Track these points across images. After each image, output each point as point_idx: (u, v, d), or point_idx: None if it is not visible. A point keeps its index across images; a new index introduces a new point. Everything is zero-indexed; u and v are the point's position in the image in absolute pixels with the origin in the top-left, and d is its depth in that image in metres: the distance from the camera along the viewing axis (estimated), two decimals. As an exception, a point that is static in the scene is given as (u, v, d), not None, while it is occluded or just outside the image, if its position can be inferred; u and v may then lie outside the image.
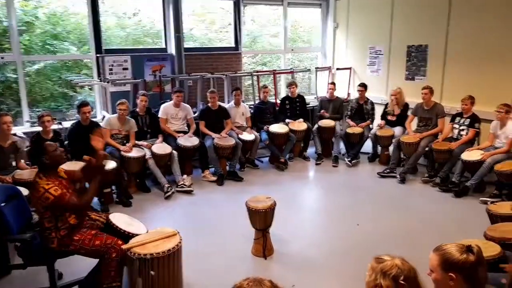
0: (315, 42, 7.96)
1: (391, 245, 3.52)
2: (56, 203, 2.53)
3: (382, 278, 1.41)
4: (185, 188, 4.85)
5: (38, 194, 2.54)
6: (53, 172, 2.70)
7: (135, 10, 7.08)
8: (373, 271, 1.46)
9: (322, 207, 4.69)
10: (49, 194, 2.51)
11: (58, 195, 2.52)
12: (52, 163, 2.67)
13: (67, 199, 2.56)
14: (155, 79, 6.03)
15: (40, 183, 2.57)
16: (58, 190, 2.54)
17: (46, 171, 2.66)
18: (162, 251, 2.57)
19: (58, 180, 2.67)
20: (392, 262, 1.45)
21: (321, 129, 6.06)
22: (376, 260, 1.51)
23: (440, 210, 4.32)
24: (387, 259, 1.48)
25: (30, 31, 6.67)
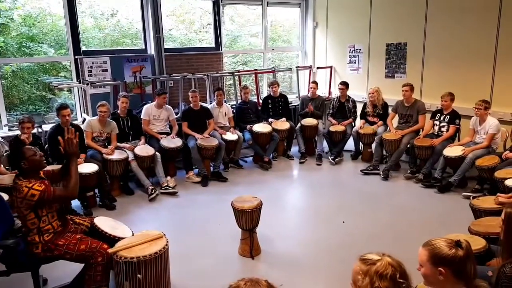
0: (295, 41, 8.01)
1: (377, 242, 3.58)
2: (43, 198, 2.48)
3: (380, 281, 1.37)
4: (169, 190, 4.81)
5: (22, 195, 2.47)
6: (34, 175, 2.64)
7: (113, 11, 6.97)
8: (365, 274, 1.41)
9: (308, 205, 4.73)
10: (34, 191, 2.46)
11: (43, 189, 2.47)
12: (31, 167, 2.60)
13: (52, 191, 2.51)
14: (135, 81, 5.94)
15: (22, 183, 2.51)
16: (41, 186, 2.49)
17: (25, 175, 2.59)
18: (149, 254, 2.54)
19: (40, 181, 2.60)
20: (384, 262, 1.42)
21: (304, 128, 6.11)
22: (363, 261, 1.46)
23: (424, 205, 4.40)
24: (375, 258, 1.45)
25: (5, 33, 6.48)
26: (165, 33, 6.49)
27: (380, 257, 1.45)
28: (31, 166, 2.60)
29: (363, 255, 1.50)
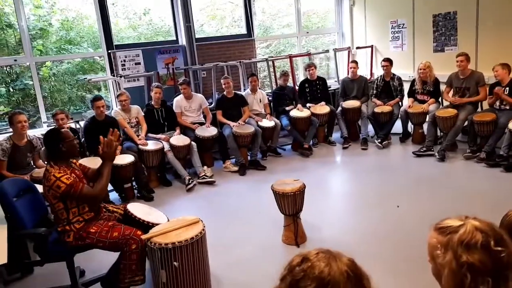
0: (331, 26, 7.60)
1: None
2: (68, 192, 2.33)
3: (467, 253, 0.98)
4: (206, 179, 4.63)
5: (49, 183, 2.35)
6: (66, 162, 2.51)
7: (145, 10, 6.96)
8: (445, 247, 1.03)
9: (355, 190, 4.34)
10: (61, 183, 2.32)
11: (70, 183, 2.33)
12: (67, 152, 2.48)
13: (80, 187, 2.36)
14: (168, 72, 5.83)
15: (51, 171, 2.38)
16: (70, 179, 2.35)
17: (58, 159, 2.46)
18: (184, 240, 2.33)
19: (70, 169, 2.48)
20: (468, 227, 1.03)
21: (345, 111, 5.71)
22: (440, 230, 1.07)
23: (489, 187, 3.90)
24: (455, 224, 1.05)
25: (45, 37, 6.64)
26: (197, 28, 6.33)
27: (463, 221, 1.06)
28: (67, 150, 2.48)
29: (439, 223, 1.11)
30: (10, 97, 6.59)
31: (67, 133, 2.53)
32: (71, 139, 2.50)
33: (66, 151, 2.47)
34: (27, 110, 6.49)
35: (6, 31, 6.07)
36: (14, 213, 2.36)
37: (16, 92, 6.63)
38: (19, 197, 2.53)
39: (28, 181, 2.77)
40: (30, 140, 3.95)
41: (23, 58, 5.32)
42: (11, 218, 2.36)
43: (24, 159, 3.90)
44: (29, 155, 3.95)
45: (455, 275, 0.99)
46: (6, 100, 6.54)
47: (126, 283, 2.42)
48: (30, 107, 6.54)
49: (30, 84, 5.67)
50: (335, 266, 0.93)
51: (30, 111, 6.48)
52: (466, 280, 0.97)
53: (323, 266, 0.92)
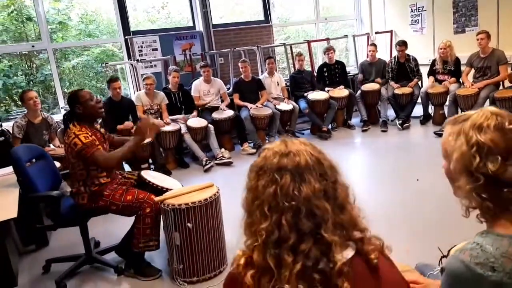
0: (350, 12, 7.47)
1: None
2: (81, 152, 2.29)
3: (478, 134, 0.91)
4: (224, 160, 4.59)
5: (68, 140, 2.33)
6: (88, 123, 2.46)
7: (163, 3, 7.00)
8: (458, 134, 0.95)
9: (376, 168, 4.23)
10: (78, 140, 2.28)
11: (87, 143, 2.28)
12: (85, 113, 2.42)
13: (92, 150, 2.30)
14: (185, 58, 5.83)
15: (72, 128, 2.36)
16: (88, 138, 2.31)
17: (80, 120, 2.42)
18: (198, 200, 2.27)
19: (92, 131, 2.44)
20: (484, 112, 0.95)
21: (364, 94, 5.57)
22: (454, 121, 0.99)
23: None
24: (471, 112, 0.97)
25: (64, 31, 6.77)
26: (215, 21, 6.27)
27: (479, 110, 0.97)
28: (85, 112, 2.42)
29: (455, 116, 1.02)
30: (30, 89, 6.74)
31: (86, 93, 2.45)
32: (88, 99, 2.42)
33: (84, 111, 2.42)
34: (47, 103, 6.63)
35: (26, 24, 6.22)
36: (26, 177, 2.34)
37: (36, 84, 6.78)
38: (33, 163, 2.53)
39: (41, 149, 2.75)
40: (45, 118, 3.99)
41: (41, 44, 5.39)
42: (24, 182, 2.35)
43: (41, 136, 3.92)
44: (45, 133, 3.97)
45: (463, 157, 0.92)
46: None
47: (140, 247, 2.39)
48: (50, 99, 6.68)
49: (50, 75, 5.76)
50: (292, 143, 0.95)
51: (50, 104, 6.62)
52: (475, 161, 0.89)
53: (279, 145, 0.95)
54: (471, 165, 0.90)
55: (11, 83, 6.50)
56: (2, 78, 6.30)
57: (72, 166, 2.41)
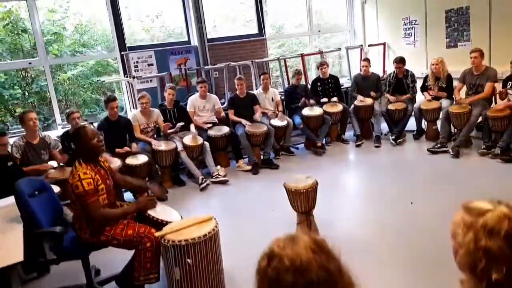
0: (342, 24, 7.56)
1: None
2: (81, 198, 2.36)
3: (488, 238, 0.94)
4: (220, 178, 4.65)
5: (73, 180, 2.37)
6: (93, 160, 2.53)
7: (158, 12, 7.03)
8: (468, 228, 0.99)
9: (369, 188, 4.30)
10: (80, 185, 2.33)
11: (88, 190, 2.34)
12: (87, 151, 2.49)
13: (90, 201, 2.36)
14: (180, 73, 5.88)
15: (78, 168, 2.40)
16: (90, 185, 2.36)
17: (84, 157, 2.48)
18: (197, 237, 2.33)
19: (96, 170, 2.49)
20: (498, 212, 0.97)
21: (358, 109, 5.66)
22: (468, 211, 1.03)
23: (504, 183, 3.82)
24: (485, 208, 1.00)
25: (59, 41, 6.77)
26: (210, 29, 6.35)
27: (493, 206, 1.00)
28: (87, 150, 2.49)
29: (468, 203, 1.07)
30: (25, 100, 6.75)
31: (89, 132, 2.51)
32: (91, 138, 2.48)
33: (86, 150, 2.49)
34: (42, 113, 6.63)
35: (22, 36, 6.22)
36: (30, 212, 2.39)
37: (32, 95, 6.78)
38: (34, 196, 2.56)
39: (43, 181, 2.80)
40: (42, 137, 4.02)
41: (37, 61, 5.41)
42: (27, 217, 2.39)
43: (39, 156, 3.95)
44: (43, 153, 4.00)
45: (470, 256, 0.96)
46: (22, 103, 6.71)
47: (141, 281, 2.44)
48: (46, 109, 6.69)
49: (46, 86, 5.78)
50: (299, 247, 0.93)
51: (45, 114, 6.63)
52: (480, 264, 0.94)
53: (290, 253, 0.92)
54: (476, 267, 0.94)
55: (7, 94, 6.52)
56: (-2, 90, 6.31)
57: (73, 202, 2.47)
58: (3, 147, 3.41)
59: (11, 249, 2.07)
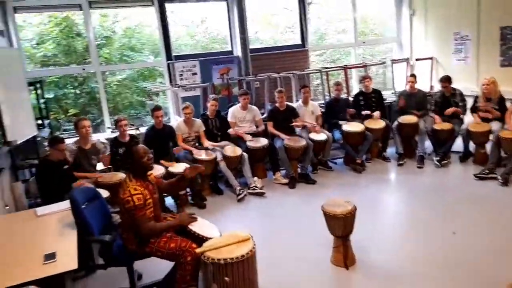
0: (389, 34, 7.40)
1: (499, 260, 2.99)
2: (131, 212, 2.53)
3: None
4: (256, 190, 4.71)
5: (124, 195, 2.54)
6: (142, 175, 2.70)
7: (202, 18, 7.23)
8: None
9: (409, 212, 4.18)
10: (131, 201, 2.50)
11: (137, 205, 2.51)
12: (137, 168, 2.67)
13: (139, 215, 2.53)
14: (223, 82, 6.01)
15: (129, 184, 2.58)
16: (140, 200, 2.52)
17: (134, 173, 2.66)
18: (236, 257, 2.41)
19: (145, 185, 2.65)
20: None
21: (402, 126, 5.50)
22: None
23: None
24: None
25: (109, 45, 7.13)
26: (252, 35, 6.47)
27: None
28: (137, 167, 2.66)
29: None
30: (77, 100, 7.17)
31: (140, 150, 2.68)
32: (142, 157, 2.65)
33: (137, 167, 2.66)
34: (92, 113, 7.01)
35: (75, 39, 6.62)
36: (83, 220, 2.57)
37: (83, 96, 7.19)
38: (87, 204, 2.74)
39: (95, 190, 2.99)
40: (93, 143, 4.26)
41: (90, 67, 5.74)
42: (81, 224, 2.58)
43: (89, 161, 4.19)
44: (94, 158, 4.24)
45: None
46: (74, 102, 7.13)
47: (180, 292, 2.56)
48: (95, 110, 7.06)
49: (96, 88, 6.11)
50: None
51: (94, 114, 7.00)
52: None
53: None
54: None
55: (61, 94, 6.96)
56: (54, 89, 6.75)
57: (123, 215, 2.63)
58: (61, 152, 3.65)
59: (66, 256, 2.23)
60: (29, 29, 6.45)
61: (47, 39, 6.56)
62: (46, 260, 2.17)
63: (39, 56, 6.54)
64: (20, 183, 3.91)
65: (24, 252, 2.36)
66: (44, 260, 2.18)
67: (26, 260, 2.24)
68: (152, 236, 2.60)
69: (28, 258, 2.26)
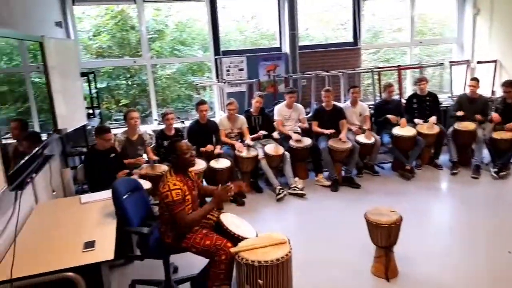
0: (449, 34, 6.93)
1: None
2: (169, 206, 2.54)
3: None
4: (297, 191, 4.61)
5: (163, 189, 2.56)
6: (183, 171, 2.71)
7: (253, 14, 7.19)
8: None
9: (460, 225, 3.89)
10: (170, 195, 2.51)
11: (176, 200, 2.51)
12: (179, 163, 2.68)
13: (178, 209, 2.53)
14: (269, 79, 5.93)
15: (170, 180, 2.59)
16: (179, 195, 2.53)
17: (175, 168, 2.68)
18: (270, 260, 2.34)
19: (185, 181, 2.66)
20: None
21: (457, 133, 5.13)
22: None
23: None
24: None
25: (161, 39, 7.30)
26: (302, 32, 6.33)
27: None
28: (179, 163, 2.67)
29: None
30: (128, 91, 7.43)
31: (183, 146, 2.69)
32: (184, 153, 2.66)
33: (179, 162, 2.68)
34: (141, 104, 7.24)
35: (129, 32, 6.84)
36: (123, 211, 2.62)
37: (134, 87, 7.44)
38: (129, 195, 2.79)
39: (136, 181, 3.05)
40: (140, 135, 4.38)
41: (141, 60, 5.91)
42: (120, 215, 2.63)
43: (136, 152, 4.32)
44: (140, 148, 4.37)
45: None
46: (125, 93, 7.39)
47: (213, 289, 2.54)
48: (145, 101, 7.29)
49: (146, 80, 6.28)
50: None
51: (144, 105, 7.22)
52: None
53: None
54: None
55: (113, 84, 7.24)
56: (107, 79, 7.04)
57: (161, 208, 2.64)
58: (107, 142, 3.77)
59: (105, 245, 2.27)
60: (87, 21, 6.77)
61: (102, 31, 6.84)
62: (86, 248, 2.23)
63: (95, 47, 6.85)
64: (69, 170, 4.11)
65: (66, 237, 2.43)
66: (84, 248, 2.23)
67: (67, 246, 2.31)
68: (191, 229, 2.60)
69: (69, 244, 2.33)
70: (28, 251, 2.26)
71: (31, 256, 2.21)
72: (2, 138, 2.48)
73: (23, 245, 2.32)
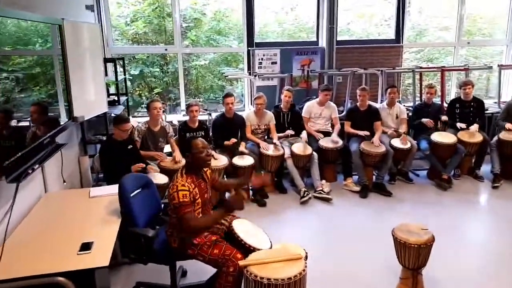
0: (500, 36, 6.34)
1: None
2: (176, 208, 2.40)
3: None
4: (322, 195, 4.38)
5: (172, 190, 2.43)
6: (196, 171, 2.56)
7: (293, 5, 6.92)
8: None
9: (499, 246, 3.51)
10: (177, 196, 2.37)
11: (182, 202, 2.37)
12: (194, 162, 2.54)
13: (184, 211, 2.38)
14: (303, 74, 5.68)
15: (179, 180, 2.45)
16: (186, 197, 2.38)
17: (189, 168, 2.54)
18: (281, 278, 2.15)
19: (196, 183, 2.51)
20: None
21: (503, 143, 4.70)
22: None
23: None
24: None
25: (198, 27, 7.20)
26: (342, 26, 5.99)
27: None
28: (194, 162, 2.53)
29: None
30: (161, 79, 7.41)
31: (199, 144, 2.52)
32: (200, 151, 2.50)
33: (193, 161, 2.53)
34: (174, 93, 7.21)
35: (166, 19, 6.78)
36: (129, 210, 2.49)
37: (167, 75, 7.41)
38: (139, 192, 2.67)
39: (147, 178, 2.89)
40: (163, 126, 4.25)
41: (172, 48, 5.85)
42: (125, 214, 2.50)
43: (158, 143, 4.20)
44: (161, 140, 4.24)
45: None
46: (158, 80, 7.38)
47: (220, 301, 2.39)
48: (177, 90, 7.26)
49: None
50: None
51: (176, 94, 7.19)
52: None
53: None
54: None
55: (147, 71, 7.25)
56: (141, 66, 7.05)
57: (170, 210, 2.51)
58: (125, 132, 3.64)
59: (102, 249, 2.16)
60: (126, 6, 6.76)
61: (140, 17, 6.82)
62: (81, 251, 2.13)
63: (131, 33, 6.85)
64: (87, 157, 4.01)
65: (64, 236, 2.34)
66: (80, 250, 2.13)
67: (62, 246, 2.20)
68: (195, 235, 2.45)
69: (65, 243, 2.23)
70: (20, 250, 2.17)
71: (21, 256, 2.11)
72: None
73: (17, 242, 2.24)
